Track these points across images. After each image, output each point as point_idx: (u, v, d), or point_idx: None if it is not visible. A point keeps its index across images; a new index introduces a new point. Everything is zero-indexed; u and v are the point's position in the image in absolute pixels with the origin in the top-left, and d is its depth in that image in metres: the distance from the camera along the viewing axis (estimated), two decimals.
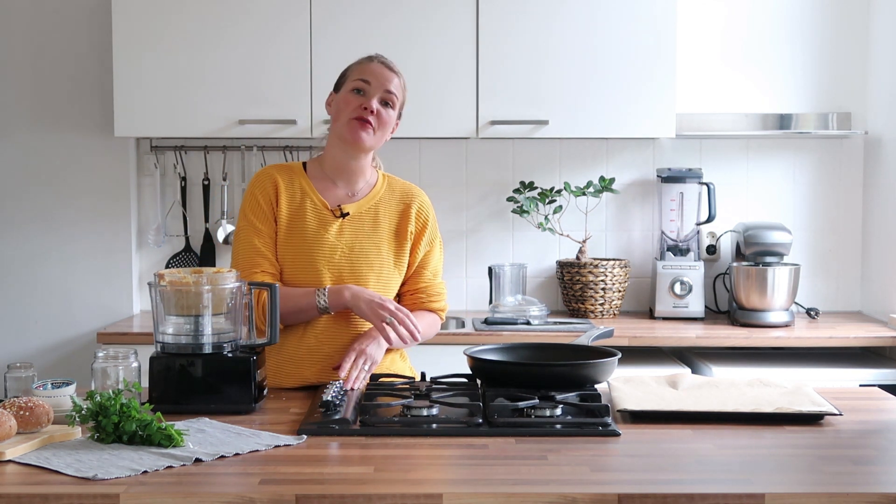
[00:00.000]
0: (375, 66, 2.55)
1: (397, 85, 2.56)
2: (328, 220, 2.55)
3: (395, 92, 2.54)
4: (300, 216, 2.55)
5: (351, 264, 2.53)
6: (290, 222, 2.55)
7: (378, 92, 2.53)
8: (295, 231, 2.55)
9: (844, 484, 1.75)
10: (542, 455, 1.90)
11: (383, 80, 2.53)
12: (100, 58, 4.02)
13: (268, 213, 2.55)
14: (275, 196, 2.56)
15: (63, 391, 2.17)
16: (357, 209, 2.58)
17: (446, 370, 2.69)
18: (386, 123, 2.55)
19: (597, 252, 4.14)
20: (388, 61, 2.58)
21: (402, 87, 2.59)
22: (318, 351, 2.53)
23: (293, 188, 2.58)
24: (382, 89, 2.53)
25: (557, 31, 3.77)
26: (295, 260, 2.54)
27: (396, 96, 2.55)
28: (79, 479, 1.75)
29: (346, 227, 2.56)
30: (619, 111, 3.79)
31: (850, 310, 4.16)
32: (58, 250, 4.09)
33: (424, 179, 4.05)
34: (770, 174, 4.15)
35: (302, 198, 2.57)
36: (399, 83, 2.57)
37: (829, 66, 4.11)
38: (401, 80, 2.58)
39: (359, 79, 2.54)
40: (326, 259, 2.53)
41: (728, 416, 2.16)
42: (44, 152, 4.07)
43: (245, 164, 4.09)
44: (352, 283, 2.52)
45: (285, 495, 1.68)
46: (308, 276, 2.53)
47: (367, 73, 2.54)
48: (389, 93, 2.54)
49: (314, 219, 2.55)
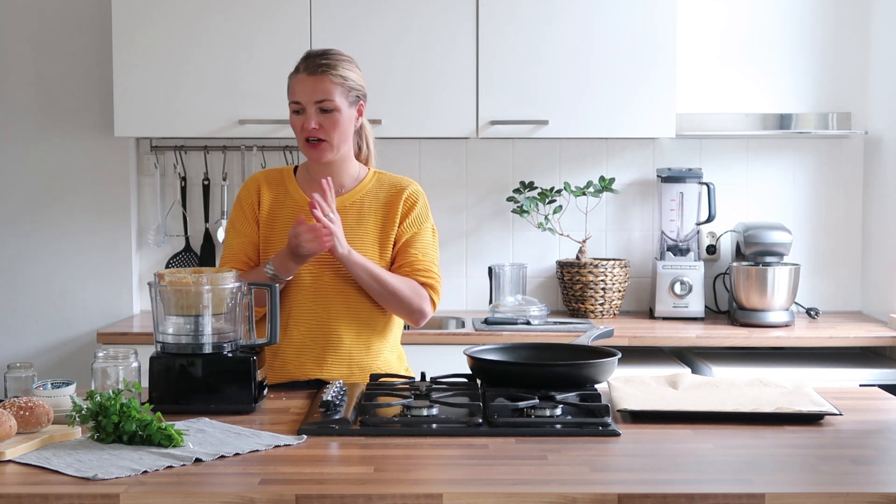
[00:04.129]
0: (300, 79, 2.52)
1: (327, 87, 2.50)
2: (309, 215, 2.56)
3: (326, 97, 2.50)
4: (281, 214, 2.59)
5: (332, 258, 2.53)
6: (271, 221, 2.59)
7: (311, 107, 2.51)
8: (276, 228, 2.58)
9: (844, 484, 1.75)
10: (542, 455, 1.90)
11: (311, 92, 2.50)
12: (100, 58, 4.02)
13: (249, 215, 2.61)
14: (257, 199, 2.60)
15: (63, 391, 2.17)
16: (340, 203, 2.58)
17: (446, 370, 2.69)
18: (336, 126, 2.52)
19: (597, 252, 4.14)
20: (313, 63, 2.52)
21: (340, 77, 2.51)
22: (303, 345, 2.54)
23: (277, 189, 2.62)
24: (313, 103, 2.51)
25: (557, 30, 3.77)
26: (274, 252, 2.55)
27: (331, 99, 2.50)
28: (79, 479, 1.75)
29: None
30: (619, 111, 3.79)
31: (850, 310, 4.16)
32: (58, 250, 4.09)
33: (424, 179, 4.05)
34: (770, 174, 4.15)
35: (284, 197, 2.61)
36: (330, 81, 2.50)
37: (829, 66, 4.11)
38: (333, 74, 2.50)
39: (291, 101, 2.54)
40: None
41: (728, 416, 2.16)
42: (44, 152, 4.07)
43: (245, 164, 4.09)
44: (334, 276, 2.54)
45: (285, 495, 1.68)
46: None
47: (295, 92, 2.53)
48: (321, 101, 2.50)
49: (294, 214, 2.57)
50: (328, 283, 2.55)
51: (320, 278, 2.54)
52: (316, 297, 2.55)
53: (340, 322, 2.55)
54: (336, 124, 2.52)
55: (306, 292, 2.54)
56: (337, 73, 2.52)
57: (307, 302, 2.54)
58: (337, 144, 2.54)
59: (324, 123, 2.51)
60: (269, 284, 2.35)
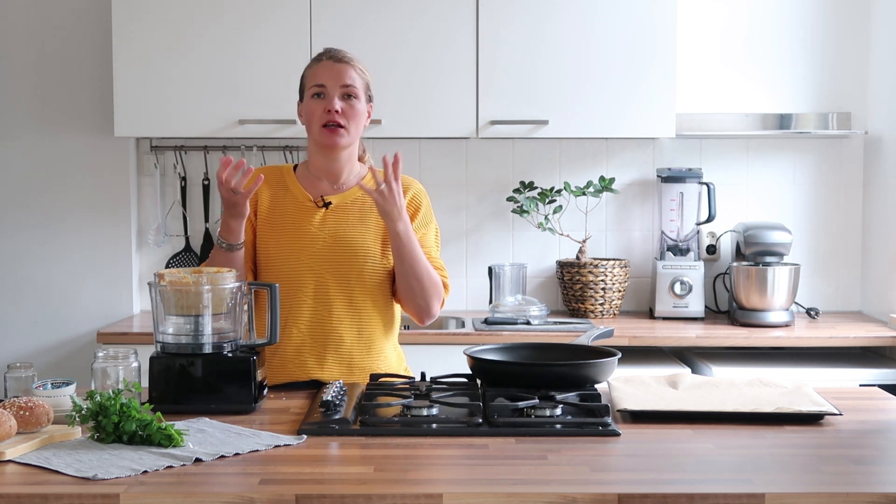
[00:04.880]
0: (325, 65, 2.56)
1: (352, 74, 2.54)
2: (310, 212, 2.56)
3: (352, 83, 2.53)
4: (280, 210, 2.59)
5: (334, 254, 2.53)
6: (270, 216, 2.58)
7: (336, 91, 2.53)
8: (275, 223, 2.58)
9: (844, 484, 1.75)
10: (542, 455, 1.90)
11: (337, 76, 2.53)
12: (100, 58, 4.02)
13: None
14: (255, 198, 2.59)
15: (63, 391, 2.17)
16: (342, 200, 2.58)
17: (446, 370, 2.69)
18: (356, 115, 2.54)
19: (597, 252, 4.14)
20: (336, 53, 2.58)
21: (360, 71, 2.57)
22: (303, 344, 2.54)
23: (276, 186, 2.61)
24: (339, 86, 2.53)
25: (557, 30, 3.77)
26: (276, 251, 2.56)
27: (355, 86, 2.54)
28: (79, 479, 1.75)
29: (330, 218, 2.56)
30: (618, 111, 3.79)
31: (850, 310, 4.16)
32: (58, 250, 4.09)
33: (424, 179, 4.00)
34: (770, 174, 4.15)
35: (284, 193, 2.60)
36: (354, 71, 2.55)
37: (829, 66, 4.11)
38: (355, 66, 2.56)
39: (314, 84, 2.55)
40: (306, 249, 2.54)
41: (728, 416, 2.16)
42: (44, 152, 4.07)
43: None
44: (335, 274, 2.53)
45: (285, 495, 1.68)
46: (289, 265, 2.54)
47: (319, 76, 2.55)
48: (347, 86, 2.53)
49: (295, 211, 2.57)
50: (329, 283, 2.54)
51: (321, 277, 2.54)
52: (316, 296, 2.54)
53: (342, 322, 2.55)
54: (356, 113, 2.54)
55: (306, 291, 2.54)
56: (358, 67, 2.57)
57: (308, 300, 2.54)
58: (353, 134, 2.56)
59: (345, 110, 2.53)
60: (269, 284, 2.35)
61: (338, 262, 2.54)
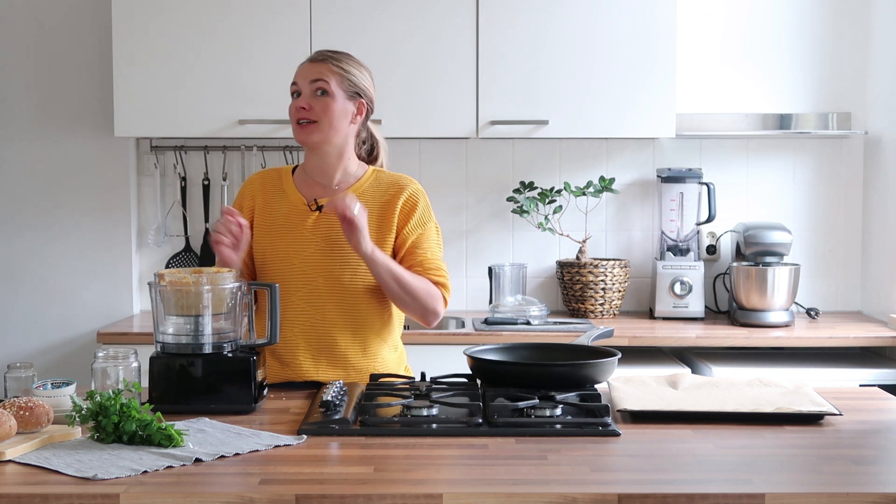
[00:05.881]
0: (303, 65, 2.58)
1: (324, 71, 2.53)
2: (304, 215, 2.56)
3: (322, 79, 2.52)
4: (275, 213, 2.59)
5: (326, 257, 2.53)
6: (265, 220, 2.59)
7: (305, 88, 2.54)
8: (270, 227, 2.58)
9: (844, 484, 1.75)
10: (542, 455, 1.90)
11: (308, 74, 2.54)
12: (100, 58, 4.02)
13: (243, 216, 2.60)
14: (251, 200, 2.61)
15: (63, 391, 2.17)
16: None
17: (446, 370, 2.69)
18: (328, 111, 2.52)
19: (597, 252, 4.14)
20: (318, 53, 2.58)
21: (342, 69, 2.54)
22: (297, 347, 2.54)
23: (273, 189, 2.62)
24: (308, 83, 2.53)
25: (557, 30, 3.77)
26: (270, 255, 2.56)
27: (326, 80, 2.52)
28: (79, 479, 1.75)
29: (323, 222, 2.55)
30: (618, 111, 3.79)
31: (850, 310, 4.16)
32: (58, 250, 4.09)
33: (424, 179, 4.03)
34: (770, 174, 4.15)
35: (280, 196, 2.60)
36: (330, 68, 2.53)
37: (829, 66, 4.11)
38: (334, 63, 2.54)
39: (291, 84, 2.57)
40: (298, 252, 2.54)
41: (728, 416, 2.16)
42: (44, 152, 4.07)
43: (245, 164, 4.09)
44: (328, 277, 2.53)
45: (285, 495, 1.68)
46: (281, 268, 2.54)
47: (296, 76, 2.57)
48: (316, 81, 2.52)
49: (289, 214, 2.57)
50: (321, 287, 2.53)
51: (314, 281, 2.53)
52: (309, 299, 2.53)
53: (335, 325, 2.54)
54: (327, 108, 2.52)
55: (300, 294, 2.53)
56: (338, 65, 2.55)
57: (301, 304, 2.53)
58: (326, 130, 2.53)
59: (315, 105, 2.52)
60: (269, 284, 2.35)
61: (330, 266, 2.53)
